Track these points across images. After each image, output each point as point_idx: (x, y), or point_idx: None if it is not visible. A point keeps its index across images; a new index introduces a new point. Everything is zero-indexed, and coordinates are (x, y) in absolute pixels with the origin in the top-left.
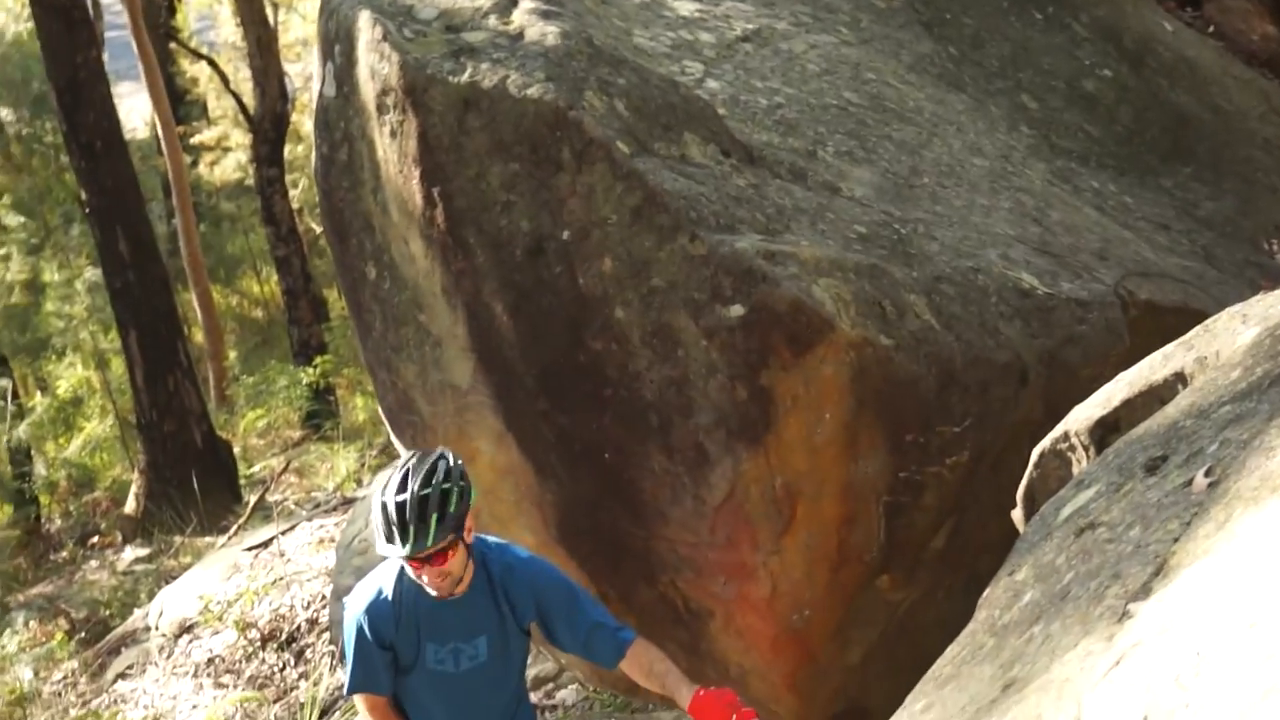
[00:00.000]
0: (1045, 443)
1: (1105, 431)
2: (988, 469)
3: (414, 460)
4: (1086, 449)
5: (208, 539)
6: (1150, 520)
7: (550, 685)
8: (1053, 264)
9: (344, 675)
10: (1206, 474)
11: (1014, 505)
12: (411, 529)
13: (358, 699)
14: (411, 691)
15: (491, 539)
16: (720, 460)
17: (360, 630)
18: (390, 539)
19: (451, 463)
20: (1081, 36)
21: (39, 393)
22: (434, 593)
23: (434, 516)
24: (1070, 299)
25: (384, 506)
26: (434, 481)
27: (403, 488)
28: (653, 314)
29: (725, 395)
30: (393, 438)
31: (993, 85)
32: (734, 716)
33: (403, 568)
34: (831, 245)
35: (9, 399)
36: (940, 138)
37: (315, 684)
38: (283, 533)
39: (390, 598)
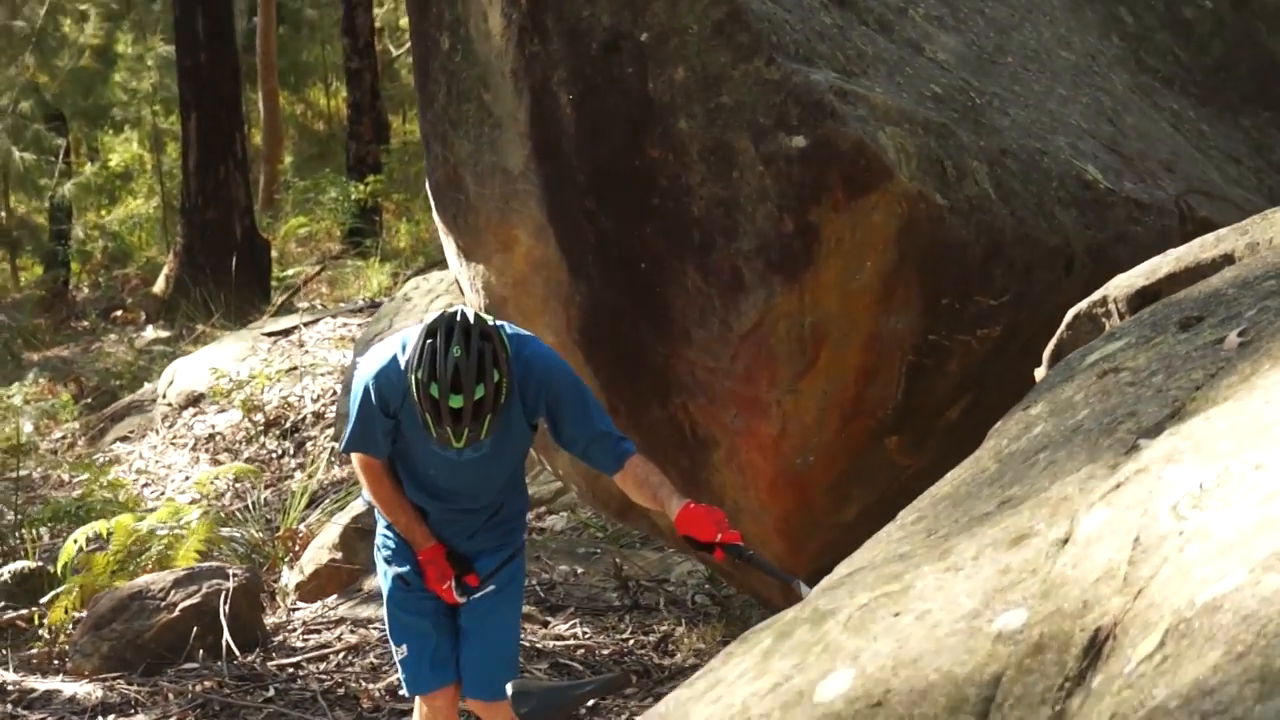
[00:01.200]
0: (1082, 305)
1: (1144, 301)
2: (1017, 350)
3: (457, 346)
4: (1122, 316)
5: (230, 332)
6: (1175, 370)
7: (542, 509)
8: (1119, 163)
9: (345, 431)
10: (1240, 334)
11: None
12: (467, 431)
13: (354, 456)
14: (409, 461)
15: (511, 329)
16: (754, 289)
17: (367, 393)
18: (440, 432)
19: (496, 346)
20: None
21: (89, 163)
22: None
23: (488, 416)
24: (1130, 199)
25: (434, 402)
26: (486, 376)
27: (456, 386)
28: (715, 131)
29: (771, 225)
30: (435, 216)
31: None
32: (719, 536)
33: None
34: (905, 98)
35: (60, 157)
36: (1032, 24)
37: (310, 476)
38: (305, 324)
39: (403, 370)
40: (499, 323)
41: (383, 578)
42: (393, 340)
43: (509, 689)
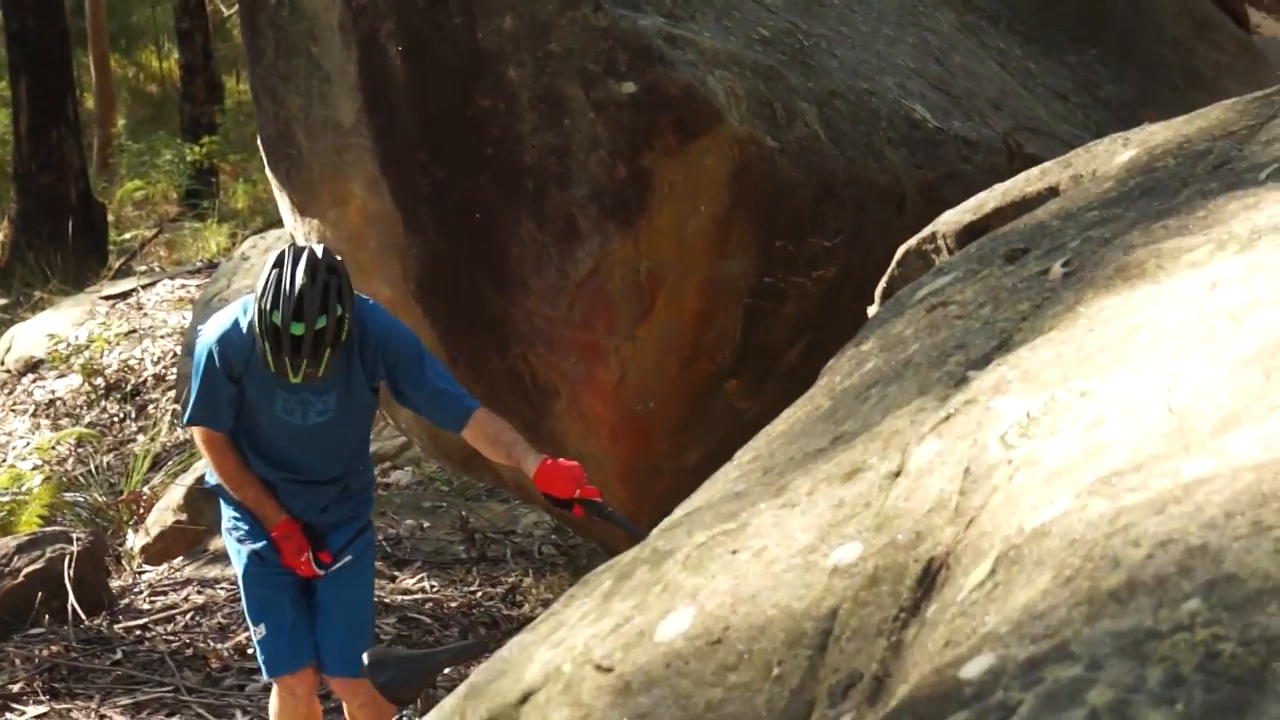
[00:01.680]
0: (911, 242)
1: (972, 236)
2: (852, 290)
3: (303, 276)
4: (951, 251)
5: (67, 297)
6: (1002, 301)
7: (387, 464)
8: (947, 102)
9: (189, 401)
10: (1064, 265)
11: None
12: (305, 363)
13: (195, 430)
14: (253, 432)
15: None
16: (590, 236)
17: (210, 359)
18: (278, 364)
19: (342, 281)
20: None
21: None
22: None
23: (327, 350)
24: (959, 136)
25: (275, 330)
26: (329, 307)
27: (298, 313)
28: (545, 79)
29: (604, 171)
30: (268, 172)
31: None
32: (578, 492)
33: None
34: (733, 41)
35: None
36: None
37: (152, 439)
38: (143, 286)
39: (246, 332)
40: None
41: (236, 557)
42: (234, 305)
43: (365, 659)
